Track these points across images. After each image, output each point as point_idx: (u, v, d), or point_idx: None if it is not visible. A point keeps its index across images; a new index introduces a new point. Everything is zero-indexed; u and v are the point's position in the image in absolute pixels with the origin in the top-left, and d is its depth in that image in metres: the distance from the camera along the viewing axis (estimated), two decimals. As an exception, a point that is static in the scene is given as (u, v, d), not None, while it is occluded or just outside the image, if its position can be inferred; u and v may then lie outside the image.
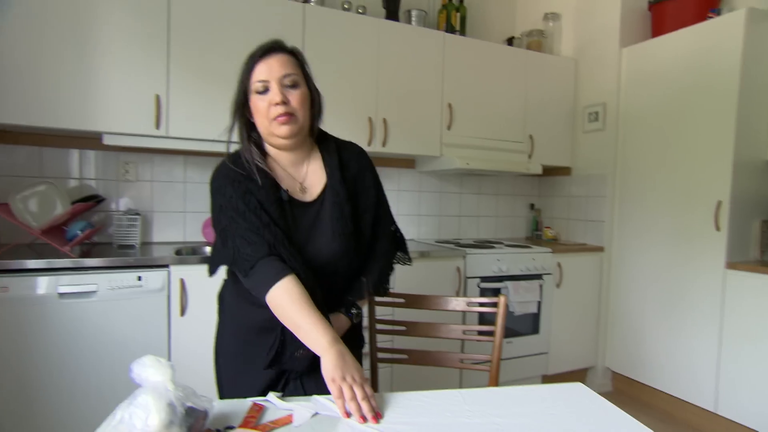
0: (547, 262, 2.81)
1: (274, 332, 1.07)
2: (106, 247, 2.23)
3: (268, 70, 1.06)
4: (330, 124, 2.45)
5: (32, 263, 1.74)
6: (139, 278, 1.89)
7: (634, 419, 0.89)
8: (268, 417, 0.87)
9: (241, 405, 0.91)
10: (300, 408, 0.90)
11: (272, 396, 0.93)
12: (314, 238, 1.12)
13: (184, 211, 2.56)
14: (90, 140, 2.28)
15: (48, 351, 1.76)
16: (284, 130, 1.07)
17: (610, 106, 3.00)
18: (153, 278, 1.92)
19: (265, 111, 1.07)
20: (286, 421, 0.85)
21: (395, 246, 1.30)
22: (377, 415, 0.86)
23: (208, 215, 2.59)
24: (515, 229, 3.57)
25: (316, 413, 0.89)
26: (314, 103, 1.15)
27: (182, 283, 1.97)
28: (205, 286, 2.01)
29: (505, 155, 2.97)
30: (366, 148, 2.51)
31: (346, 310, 1.16)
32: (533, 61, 3.08)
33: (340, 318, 1.15)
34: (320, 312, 1.00)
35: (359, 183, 1.19)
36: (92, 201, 2.17)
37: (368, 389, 0.89)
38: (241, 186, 1.08)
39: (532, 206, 3.58)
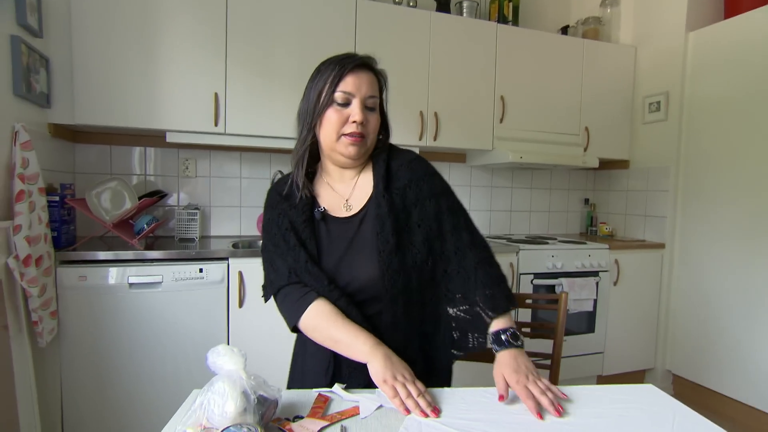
0: (604, 258, 2.71)
1: (327, 355, 1.05)
2: (168, 240, 2.34)
3: (357, 85, 1.01)
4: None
5: (103, 255, 1.86)
6: (201, 270, 1.97)
7: (711, 422, 0.84)
8: (335, 408, 0.89)
9: (308, 395, 0.93)
10: (365, 400, 0.90)
11: (338, 388, 0.95)
12: (351, 256, 1.04)
13: (239, 205, 2.65)
14: (153, 138, 2.40)
15: (120, 337, 1.88)
16: (352, 150, 1.02)
17: (674, 95, 2.83)
18: (213, 270, 1.99)
19: (338, 124, 1.00)
20: (353, 412, 0.86)
21: (486, 253, 1.10)
22: (435, 409, 0.85)
23: (262, 210, 2.66)
24: (569, 225, 3.46)
25: (381, 405, 0.89)
26: (382, 129, 1.11)
27: (240, 275, 2.04)
28: (261, 279, 2.07)
29: (559, 148, 2.88)
30: (417, 143, 2.57)
31: (503, 341, 0.98)
32: (589, 50, 2.96)
33: (507, 353, 0.97)
34: (356, 324, 0.98)
35: (412, 194, 1.05)
36: (156, 196, 2.28)
37: (420, 385, 0.89)
38: (277, 209, 1.09)
39: (586, 201, 3.45)
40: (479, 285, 1.03)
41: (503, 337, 0.98)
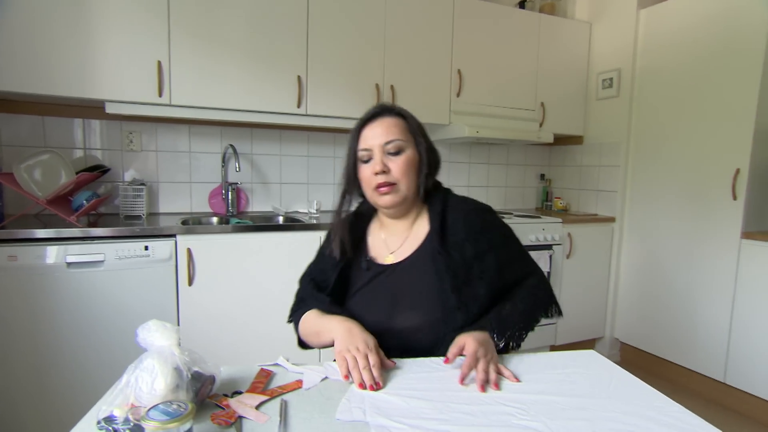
0: (558, 232, 2.77)
1: None
2: (113, 218, 2.22)
3: (371, 138, 1.04)
4: (336, 92, 2.42)
5: (41, 233, 1.74)
6: (146, 248, 1.88)
7: (647, 384, 0.87)
8: (277, 382, 0.86)
9: (250, 371, 0.90)
10: (310, 372, 0.89)
11: (282, 360, 0.92)
12: (393, 305, 1.03)
13: (189, 181, 2.54)
14: (93, 109, 2.24)
15: (57, 319, 1.78)
16: (385, 200, 1.06)
17: (625, 72, 2.90)
18: (160, 248, 1.91)
19: (369, 179, 1.05)
20: (295, 386, 0.84)
21: (538, 293, 1.09)
22: (374, 385, 0.82)
23: (213, 185, 2.57)
24: (525, 200, 3.52)
25: (326, 377, 0.88)
26: (422, 164, 1.09)
27: (189, 252, 1.97)
28: (212, 256, 2.01)
29: (515, 123, 2.90)
30: (373, 116, 2.51)
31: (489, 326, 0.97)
32: (546, 25, 2.97)
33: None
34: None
35: (470, 248, 1.02)
36: (97, 171, 2.15)
37: (372, 358, 0.86)
38: (326, 246, 1.17)
39: (542, 176, 3.52)
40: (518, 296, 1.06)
41: (493, 323, 0.98)
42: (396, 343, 0.99)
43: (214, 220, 2.46)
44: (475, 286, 1.01)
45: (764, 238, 2.23)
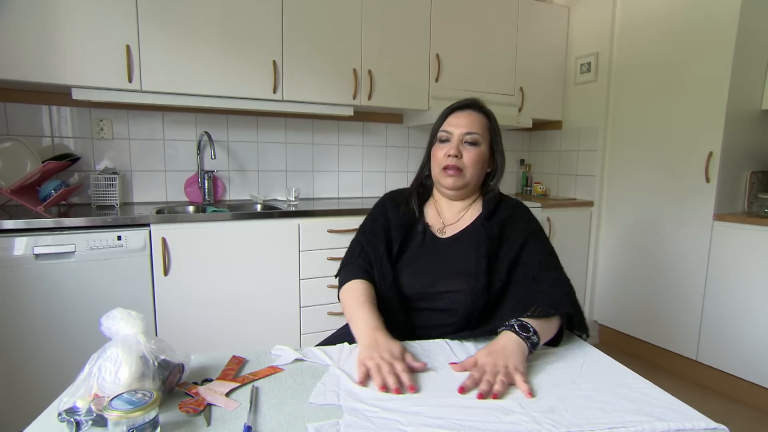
0: (537, 216, 2.78)
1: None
2: (84, 208, 2.16)
3: (456, 124, 1.16)
4: (313, 77, 2.38)
5: (7, 223, 1.68)
6: (119, 238, 1.84)
7: (619, 363, 0.89)
8: (249, 369, 0.85)
9: (222, 358, 0.89)
10: (288, 351, 0.91)
11: (279, 348, 0.93)
12: (437, 271, 1.12)
13: (164, 170, 2.48)
14: (60, 95, 2.17)
15: (25, 312, 1.73)
16: (449, 181, 1.16)
17: (603, 57, 2.91)
18: (133, 237, 1.87)
19: (440, 159, 1.17)
20: (267, 372, 0.83)
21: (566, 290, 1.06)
22: (409, 388, 0.77)
23: (189, 174, 2.52)
24: (505, 186, 3.48)
25: (302, 359, 0.89)
26: (491, 164, 1.22)
27: (164, 242, 1.93)
28: (188, 245, 1.98)
29: (494, 108, 2.81)
30: (351, 102, 2.49)
31: (508, 325, 0.93)
32: (524, 9, 2.96)
33: (507, 336, 0.91)
34: (376, 310, 1.02)
35: (508, 229, 1.14)
36: (66, 160, 2.08)
37: (399, 365, 0.81)
38: (382, 207, 1.25)
39: (522, 162, 3.53)
40: (541, 290, 1.03)
41: (514, 322, 0.92)
42: (436, 305, 1.10)
43: (191, 209, 2.41)
44: (500, 262, 1.09)
45: (735, 219, 2.28)
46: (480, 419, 0.68)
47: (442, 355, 0.91)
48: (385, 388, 0.77)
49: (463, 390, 0.77)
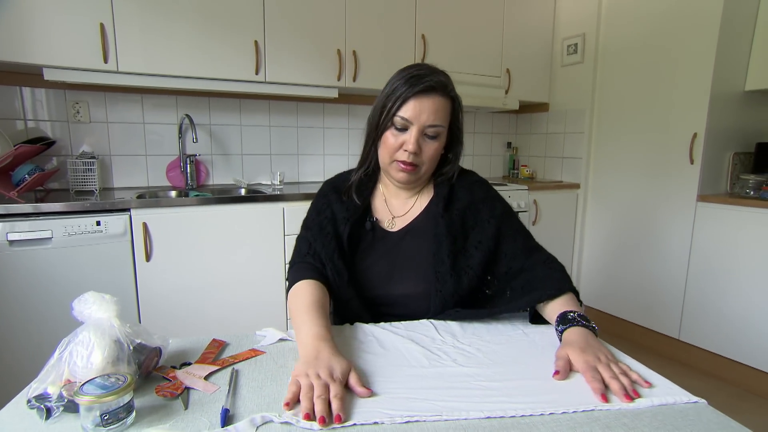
0: (524, 199, 2.80)
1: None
2: (62, 194, 2.10)
3: (417, 113, 0.96)
4: (296, 58, 2.33)
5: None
6: (98, 223, 1.80)
7: (604, 342, 0.88)
8: (230, 352, 0.83)
9: (201, 342, 0.87)
10: (272, 331, 0.90)
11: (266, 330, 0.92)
12: (392, 270, 1.02)
13: (145, 154, 2.43)
14: (31, 76, 2.09)
15: (2, 302, 1.68)
16: (402, 177, 1.02)
17: (590, 38, 2.89)
18: (113, 223, 1.83)
19: (393, 149, 0.99)
20: (248, 355, 0.81)
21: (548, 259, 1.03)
22: (335, 418, 0.62)
23: (171, 158, 2.47)
24: (493, 168, 3.53)
25: (286, 339, 0.89)
26: (449, 153, 1.07)
27: (145, 227, 1.89)
28: (171, 230, 1.94)
29: (481, 90, 2.87)
30: (335, 84, 2.45)
31: (569, 319, 0.86)
32: (511, -11, 2.92)
33: (579, 331, 0.83)
34: (324, 316, 0.87)
35: (471, 216, 1.03)
36: (41, 144, 2.02)
37: (334, 388, 0.67)
38: (325, 198, 1.10)
39: (509, 144, 3.52)
40: (538, 276, 0.98)
41: (570, 315, 0.85)
42: (394, 311, 1.00)
43: (173, 193, 2.36)
44: (470, 255, 1.00)
45: (718, 200, 2.30)
46: (463, 400, 0.67)
47: (426, 335, 0.90)
48: (308, 416, 0.62)
49: (604, 397, 0.68)
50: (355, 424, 0.61)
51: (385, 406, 0.65)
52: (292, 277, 0.99)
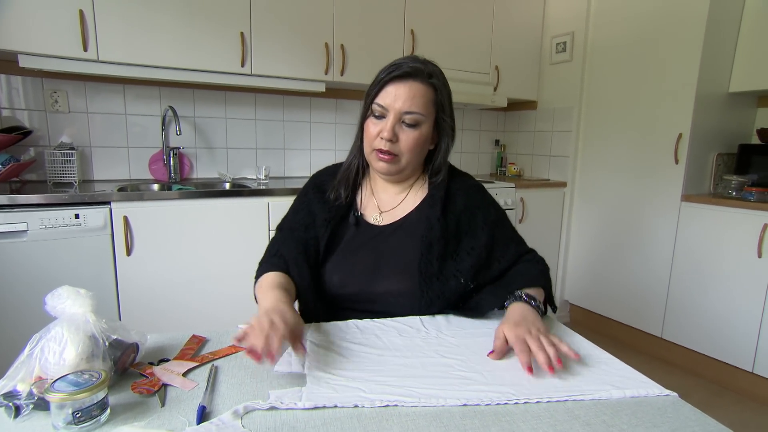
0: (510, 197, 2.81)
1: None
2: (39, 185, 2.06)
3: (393, 99, 0.95)
4: (283, 51, 2.31)
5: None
6: (77, 216, 1.77)
7: (586, 339, 0.89)
8: (210, 348, 0.82)
9: (181, 338, 0.85)
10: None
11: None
12: (375, 268, 1.00)
13: (126, 146, 2.39)
14: (8, 63, 2.04)
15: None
16: (380, 166, 1.01)
17: (578, 36, 2.91)
18: (93, 216, 1.80)
19: (372, 137, 0.99)
20: (227, 352, 0.81)
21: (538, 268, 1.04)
22: (268, 356, 0.68)
23: (154, 150, 2.43)
24: (480, 166, 3.54)
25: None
26: (434, 141, 1.04)
27: (126, 220, 1.86)
28: (153, 224, 1.92)
29: (470, 87, 2.88)
30: (323, 78, 2.43)
31: (516, 296, 0.92)
32: (501, -15, 2.93)
33: (520, 306, 0.89)
34: (288, 296, 0.90)
35: (465, 221, 1.03)
36: (16, 133, 1.97)
37: (280, 331, 0.72)
38: (306, 197, 1.10)
39: (497, 142, 3.54)
40: (518, 271, 1.02)
41: (519, 293, 0.91)
42: (375, 308, 0.99)
43: (155, 187, 2.33)
44: (461, 260, 0.99)
45: (701, 200, 2.34)
46: (441, 388, 0.69)
47: (414, 328, 0.90)
48: (251, 352, 0.67)
49: (530, 370, 0.73)
50: (336, 406, 0.64)
51: (364, 390, 0.68)
52: (258, 274, 1.01)
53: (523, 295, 0.91)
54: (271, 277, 0.95)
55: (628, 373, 0.76)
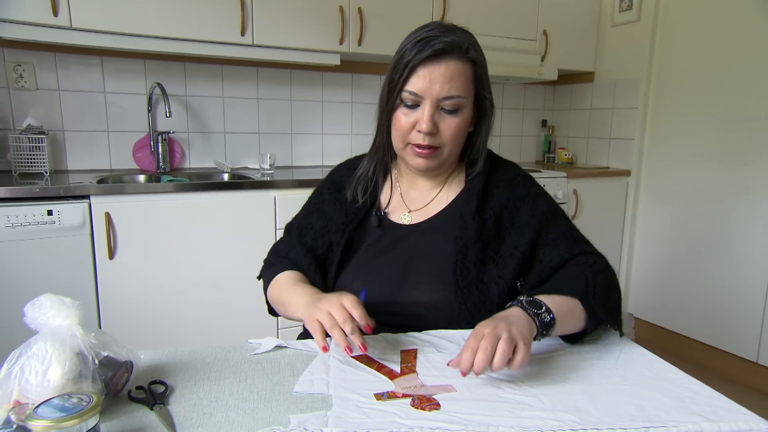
0: (561, 189, 2.78)
1: None
2: (4, 176, 2.10)
3: (428, 84, 0.93)
4: (290, 16, 2.31)
5: None
6: (50, 212, 1.80)
7: (655, 355, 0.89)
8: (217, 368, 0.83)
9: (178, 354, 0.87)
10: (266, 339, 0.92)
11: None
12: (402, 275, 1.01)
13: (107, 130, 2.43)
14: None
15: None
16: (419, 162, 1.01)
17: (648, -10, 2.86)
18: (69, 212, 1.83)
19: (405, 130, 0.98)
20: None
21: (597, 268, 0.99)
22: (362, 346, 0.79)
23: (139, 135, 2.47)
24: (524, 152, 3.52)
25: (283, 346, 0.91)
26: (476, 127, 1.05)
27: (108, 217, 1.89)
28: (139, 222, 1.96)
29: (512, 57, 2.85)
30: (337, 48, 2.43)
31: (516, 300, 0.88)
32: (551, -68, 2.90)
33: (513, 309, 0.86)
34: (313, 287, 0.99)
35: (507, 216, 1.01)
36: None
37: (357, 311, 0.82)
38: (320, 198, 1.14)
39: (544, 123, 3.52)
40: (556, 279, 0.96)
41: (522, 298, 0.87)
42: (403, 321, 0.97)
43: (141, 178, 2.37)
44: (504, 264, 0.98)
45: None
46: (491, 414, 0.69)
47: (454, 343, 0.91)
48: (349, 349, 0.80)
49: (462, 371, 0.73)
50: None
51: (400, 415, 0.68)
52: (269, 275, 1.08)
53: (524, 300, 0.86)
54: (291, 275, 1.02)
55: (722, 402, 0.73)
